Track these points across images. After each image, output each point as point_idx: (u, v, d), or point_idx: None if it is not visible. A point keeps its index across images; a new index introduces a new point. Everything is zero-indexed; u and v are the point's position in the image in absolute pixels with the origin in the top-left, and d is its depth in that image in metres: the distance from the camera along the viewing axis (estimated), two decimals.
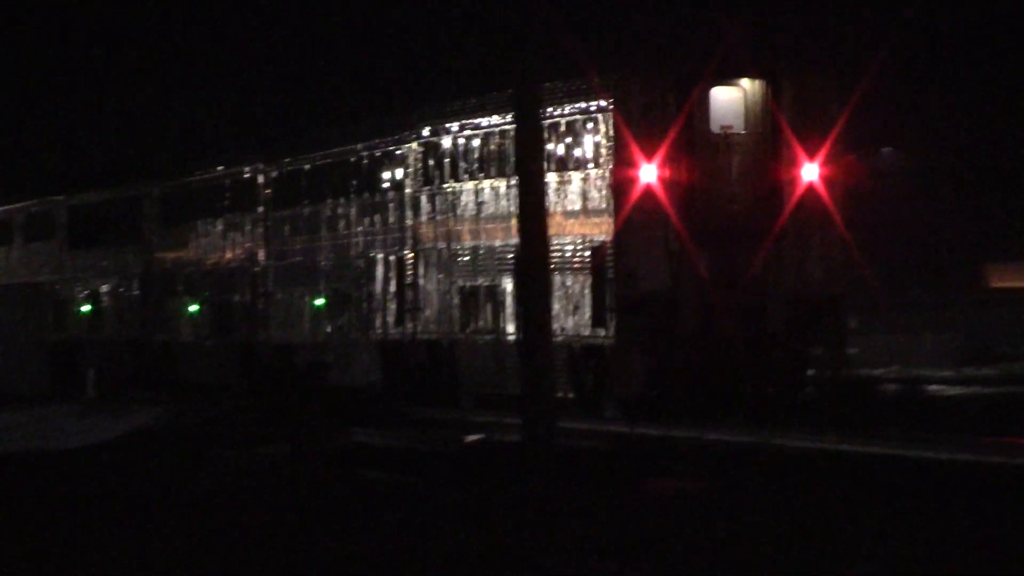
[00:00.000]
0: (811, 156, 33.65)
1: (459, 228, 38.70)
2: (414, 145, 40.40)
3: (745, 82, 34.00)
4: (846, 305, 34.88)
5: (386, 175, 41.94)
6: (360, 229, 42.51)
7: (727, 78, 33.88)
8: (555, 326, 33.46)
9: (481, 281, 37.91)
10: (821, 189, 33.74)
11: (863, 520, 18.22)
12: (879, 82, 34.83)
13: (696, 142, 33.56)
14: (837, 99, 34.12)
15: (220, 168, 50.06)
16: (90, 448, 30.74)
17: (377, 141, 42.27)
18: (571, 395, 33.54)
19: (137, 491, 23.13)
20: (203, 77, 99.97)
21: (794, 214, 33.60)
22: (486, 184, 37.57)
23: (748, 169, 34.04)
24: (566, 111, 34.86)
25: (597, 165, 34.22)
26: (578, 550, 16.31)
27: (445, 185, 39.11)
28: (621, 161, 33.49)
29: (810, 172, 33.68)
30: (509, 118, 35.12)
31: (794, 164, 33.84)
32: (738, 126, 33.89)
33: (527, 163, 24.98)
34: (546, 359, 24.47)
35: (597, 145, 34.36)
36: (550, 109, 34.45)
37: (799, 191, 33.75)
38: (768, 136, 34.00)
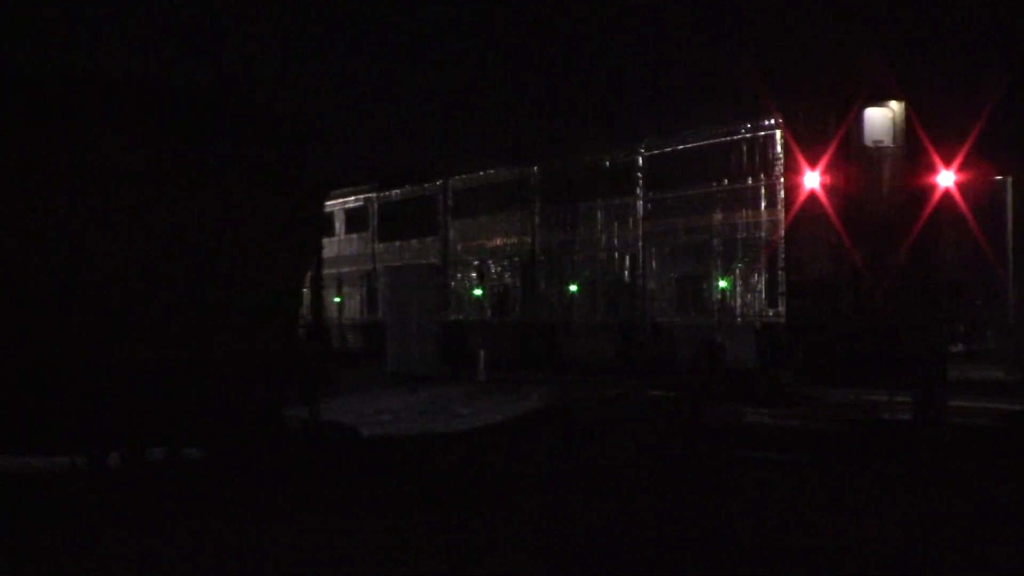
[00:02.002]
0: (947, 165, 36.77)
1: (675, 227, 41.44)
2: (639, 159, 43.09)
3: (892, 103, 36.94)
4: (975, 289, 37.58)
5: (620, 182, 44.28)
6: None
7: (877, 100, 36.98)
8: (742, 308, 38.05)
9: (691, 271, 40.45)
10: (955, 193, 36.83)
11: None
12: (1005, 100, 38.40)
13: (852, 154, 36.72)
14: (969, 116, 36.80)
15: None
16: (483, 430, 29.52)
17: (613, 152, 44.56)
18: (754, 364, 37.00)
19: (536, 467, 22.39)
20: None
21: (933, 214, 36.64)
22: (691, 191, 40.61)
23: (895, 176, 37.05)
24: (747, 129, 38.14)
25: (771, 174, 37.40)
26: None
27: (664, 192, 41.86)
28: (790, 170, 36.70)
29: (946, 179, 36.89)
30: (708, 141, 39.43)
31: (933, 172, 36.88)
32: (887, 140, 37.09)
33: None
34: None
35: (773, 157, 37.36)
36: (734, 128, 38.45)
37: (937, 195, 36.86)
38: (911, 149, 36.90)
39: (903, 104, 37.08)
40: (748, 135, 38.17)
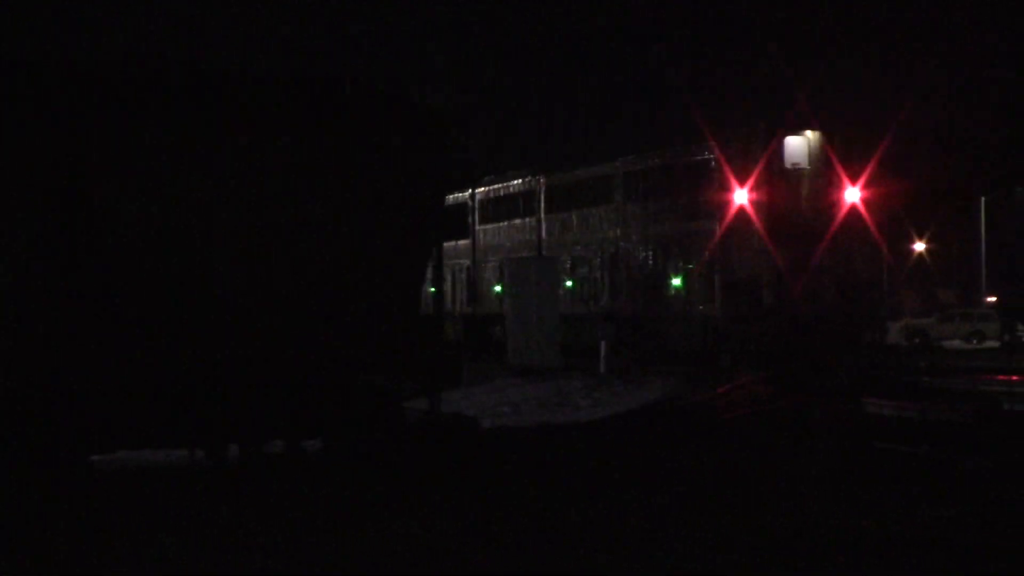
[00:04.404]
0: (853, 183, 40.12)
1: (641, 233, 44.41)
2: (618, 173, 46.65)
3: (809, 132, 40.23)
4: (881, 286, 41.17)
5: (603, 191, 47.14)
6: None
7: (796, 130, 40.32)
8: (690, 305, 41.36)
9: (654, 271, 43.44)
10: (860, 206, 40.31)
11: None
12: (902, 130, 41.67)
13: (775, 175, 39.82)
14: (873, 143, 40.05)
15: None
16: (603, 421, 27.70)
17: (594, 168, 48.04)
18: (700, 350, 39.80)
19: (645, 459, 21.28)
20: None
21: (842, 223, 39.99)
22: (657, 204, 43.94)
23: (811, 193, 40.13)
24: (689, 156, 41.78)
25: (708, 191, 40.93)
26: None
27: (639, 203, 44.73)
28: (723, 188, 40.12)
29: (853, 194, 40.20)
30: (667, 160, 42.78)
31: (842, 188, 40.14)
32: (804, 163, 40.29)
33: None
34: None
35: (709, 178, 40.97)
36: (679, 153, 42.12)
37: (845, 207, 40.18)
38: (825, 170, 40.03)
39: (818, 133, 40.34)
40: (691, 159, 41.80)
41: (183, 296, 19.27)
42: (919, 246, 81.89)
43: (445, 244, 52.24)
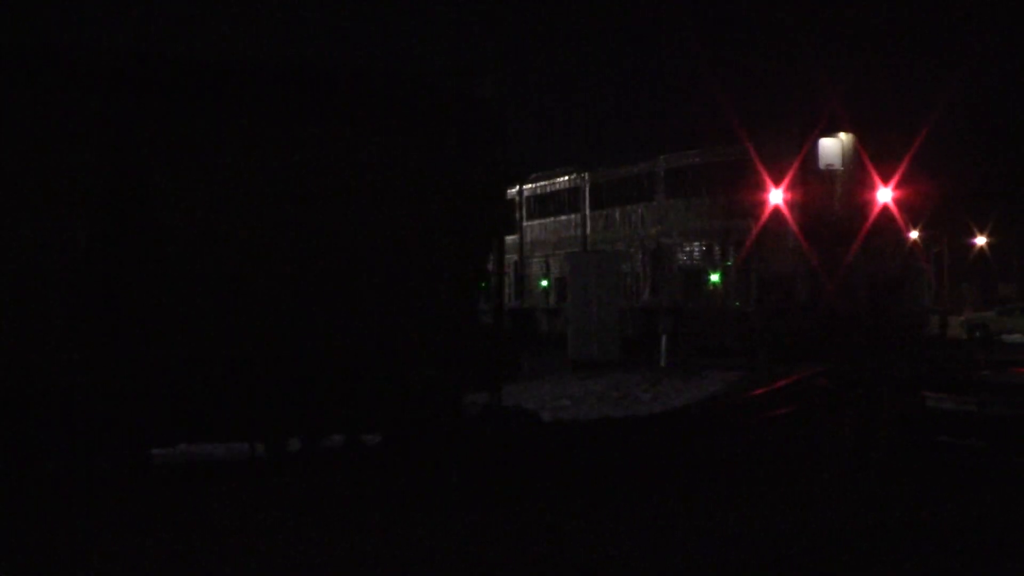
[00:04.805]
0: (886, 183, 40.74)
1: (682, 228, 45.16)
2: (661, 171, 47.37)
3: (842, 135, 40.64)
4: (910, 283, 41.74)
5: (644, 189, 48.14)
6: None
7: (830, 132, 40.68)
8: (727, 300, 42.12)
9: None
10: (892, 206, 40.94)
11: None
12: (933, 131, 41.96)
13: (809, 175, 40.40)
14: (904, 144, 40.78)
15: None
16: (664, 415, 27.10)
17: (636, 166, 49.16)
18: (735, 344, 40.63)
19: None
20: None
21: (874, 222, 40.62)
22: (696, 201, 44.88)
23: (844, 193, 40.65)
24: (727, 156, 42.56)
25: (745, 190, 41.58)
26: None
27: (679, 199, 45.67)
28: (759, 188, 40.81)
29: (884, 195, 40.79)
30: (705, 159, 43.63)
31: (874, 189, 40.71)
32: (837, 164, 40.76)
33: None
34: None
35: (745, 178, 41.52)
36: (717, 153, 43.04)
37: (877, 207, 40.77)
38: (857, 171, 40.51)
39: (851, 135, 40.77)
40: (729, 159, 42.60)
41: (242, 290, 18.93)
42: (980, 240, 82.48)
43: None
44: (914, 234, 42.98)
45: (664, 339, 40.51)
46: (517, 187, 57.80)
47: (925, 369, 32.14)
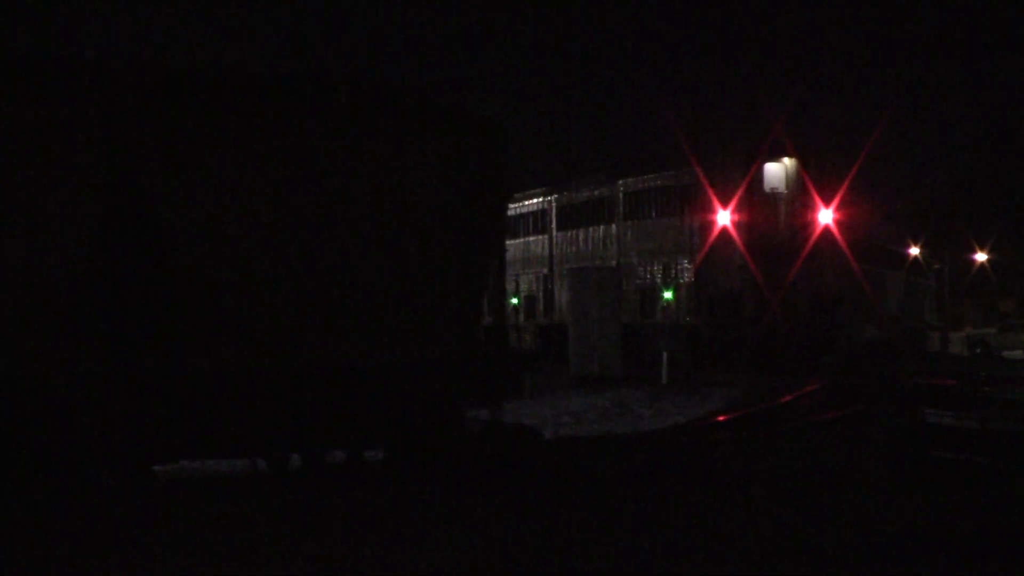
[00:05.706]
0: (827, 205, 42.78)
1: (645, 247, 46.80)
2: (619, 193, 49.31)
3: (786, 159, 42.87)
4: (849, 300, 43.78)
5: (605, 211, 49.81)
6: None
7: (775, 157, 42.92)
8: (678, 315, 43.68)
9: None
10: (833, 227, 43.16)
11: None
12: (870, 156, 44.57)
13: (755, 197, 42.51)
14: (845, 168, 42.81)
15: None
16: (666, 431, 26.50)
17: (595, 189, 50.68)
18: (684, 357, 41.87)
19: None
20: None
21: (816, 242, 42.65)
22: (651, 223, 46.96)
23: (788, 214, 42.82)
24: (678, 179, 44.55)
25: (695, 212, 43.49)
26: None
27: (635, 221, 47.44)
28: (709, 210, 42.96)
29: (826, 216, 43.02)
30: (659, 183, 45.30)
31: (816, 211, 42.92)
32: (781, 187, 43.02)
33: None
34: None
35: (695, 201, 43.46)
36: (669, 177, 44.95)
37: (819, 228, 42.94)
38: (800, 194, 42.72)
39: (794, 160, 43.02)
40: (680, 183, 44.75)
41: (244, 304, 18.74)
42: (980, 257, 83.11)
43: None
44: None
45: (665, 356, 40.40)
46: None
47: (925, 386, 32.18)
